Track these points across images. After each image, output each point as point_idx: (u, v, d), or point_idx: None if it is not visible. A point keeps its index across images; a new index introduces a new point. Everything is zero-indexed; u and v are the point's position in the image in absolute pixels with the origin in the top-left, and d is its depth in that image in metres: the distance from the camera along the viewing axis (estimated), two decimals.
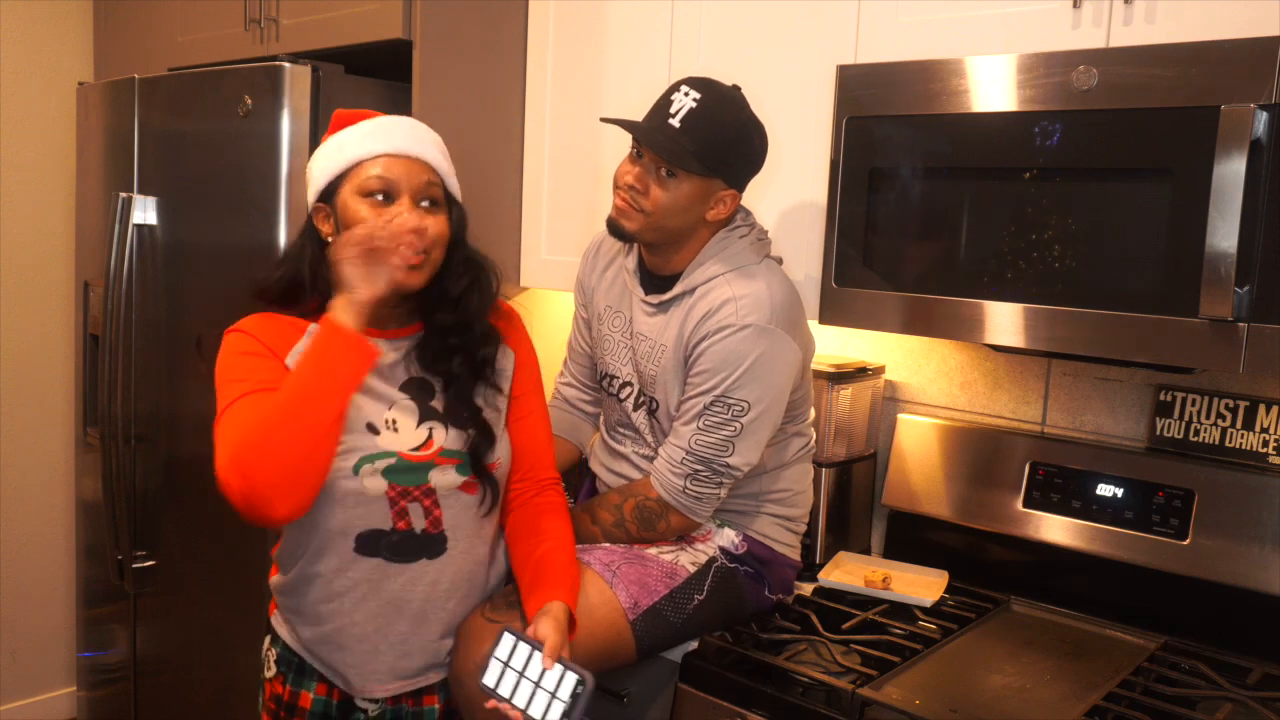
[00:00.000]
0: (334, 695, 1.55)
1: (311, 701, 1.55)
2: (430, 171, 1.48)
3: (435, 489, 1.49)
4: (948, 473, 2.00)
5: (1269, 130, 1.34)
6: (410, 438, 1.49)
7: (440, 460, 1.49)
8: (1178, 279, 1.42)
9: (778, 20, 1.93)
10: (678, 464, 1.65)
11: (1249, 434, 1.75)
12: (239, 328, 1.50)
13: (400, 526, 1.48)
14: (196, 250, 2.42)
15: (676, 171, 1.62)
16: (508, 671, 1.38)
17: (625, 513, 1.71)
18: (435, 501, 1.50)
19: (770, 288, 1.65)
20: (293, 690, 1.56)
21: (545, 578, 1.51)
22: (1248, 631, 1.68)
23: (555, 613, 1.44)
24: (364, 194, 1.45)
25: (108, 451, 2.57)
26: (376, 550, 1.48)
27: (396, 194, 1.45)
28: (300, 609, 1.53)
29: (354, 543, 1.47)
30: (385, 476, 1.46)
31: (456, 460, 1.50)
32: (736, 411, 1.61)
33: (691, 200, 1.64)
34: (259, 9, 2.51)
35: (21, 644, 3.20)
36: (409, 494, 1.48)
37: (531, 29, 2.36)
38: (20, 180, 3.10)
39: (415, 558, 1.50)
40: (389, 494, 1.47)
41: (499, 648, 1.40)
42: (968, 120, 1.60)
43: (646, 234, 1.67)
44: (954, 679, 1.58)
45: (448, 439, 1.50)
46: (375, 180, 1.44)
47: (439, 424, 1.51)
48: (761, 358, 1.61)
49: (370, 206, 1.44)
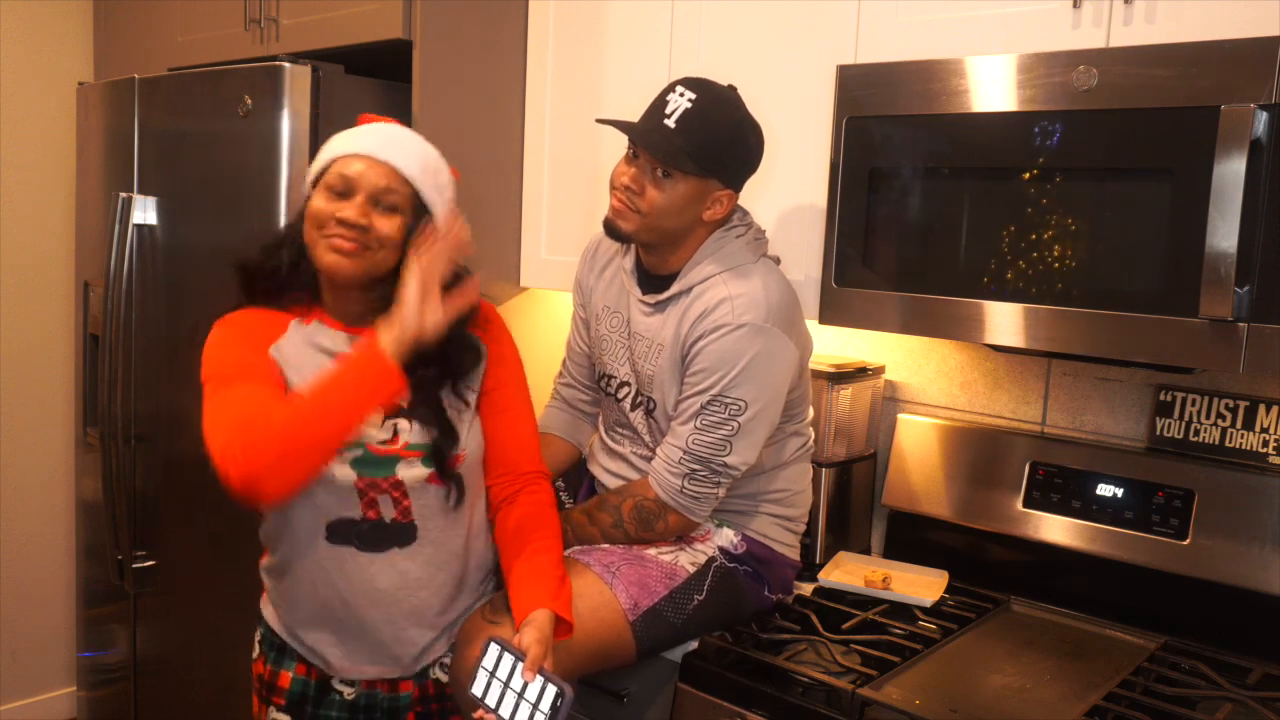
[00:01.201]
0: (312, 675, 1.60)
1: (290, 681, 1.60)
2: (395, 178, 1.49)
3: (403, 481, 1.52)
4: (948, 473, 2.00)
5: (1269, 130, 1.34)
6: (377, 432, 1.51)
7: (405, 454, 1.52)
8: (1178, 279, 1.42)
9: (778, 20, 1.93)
10: (675, 464, 1.65)
11: (1249, 434, 1.75)
12: (227, 319, 1.56)
13: (370, 516, 1.52)
14: (196, 250, 2.42)
15: (672, 172, 1.62)
16: (494, 681, 1.40)
17: (623, 513, 1.71)
18: (404, 493, 1.53)
19: (767, 287, 1.65)
20: (273, 670, 1.62)
21: (529, 584, 1.52)
22: (1248, 631, 1.68)
23: (539, 622, 1.45)
24: (327, 188, 1.50)
25: (108, 451, 2.57)
26: (348, 539, 1.52)
27: (352, 192, 1.48)
28: (281, 591, 1.60)
29: (325, 530, 1.52)
30: (353, 468, 1.50)
31: (421, 453, 1.52)
32: (734, 410, 1.61)
33: (688, 201, 1.64)
34: (259, 9, 2.51)
35: (21, 644, 3.20)
36: (377, 485, 1.51)
37: (531, 29, 2.36)
38: (20, 180, 3.10)
39: (386, 547, 1.53)
40: (358, 484, 1.50)
41: (485, 657, 1.42)
42: (968, 120, 1.60)
43: (643, 235, 1.67)
44: (954, 679, 1.58)
45: (413, 433, 1.52)
46: (335, 177, 1.49)
47: (404, 419, 1.53)
48: (758, 356, 1.61)
49: (326, 198, 1.49)
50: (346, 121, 2.22)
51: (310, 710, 1.60)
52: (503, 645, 1.41)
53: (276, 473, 1.37)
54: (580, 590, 1.58)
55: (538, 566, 1.53)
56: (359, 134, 1.53)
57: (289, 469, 1.38)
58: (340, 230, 1.46)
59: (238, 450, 1.36)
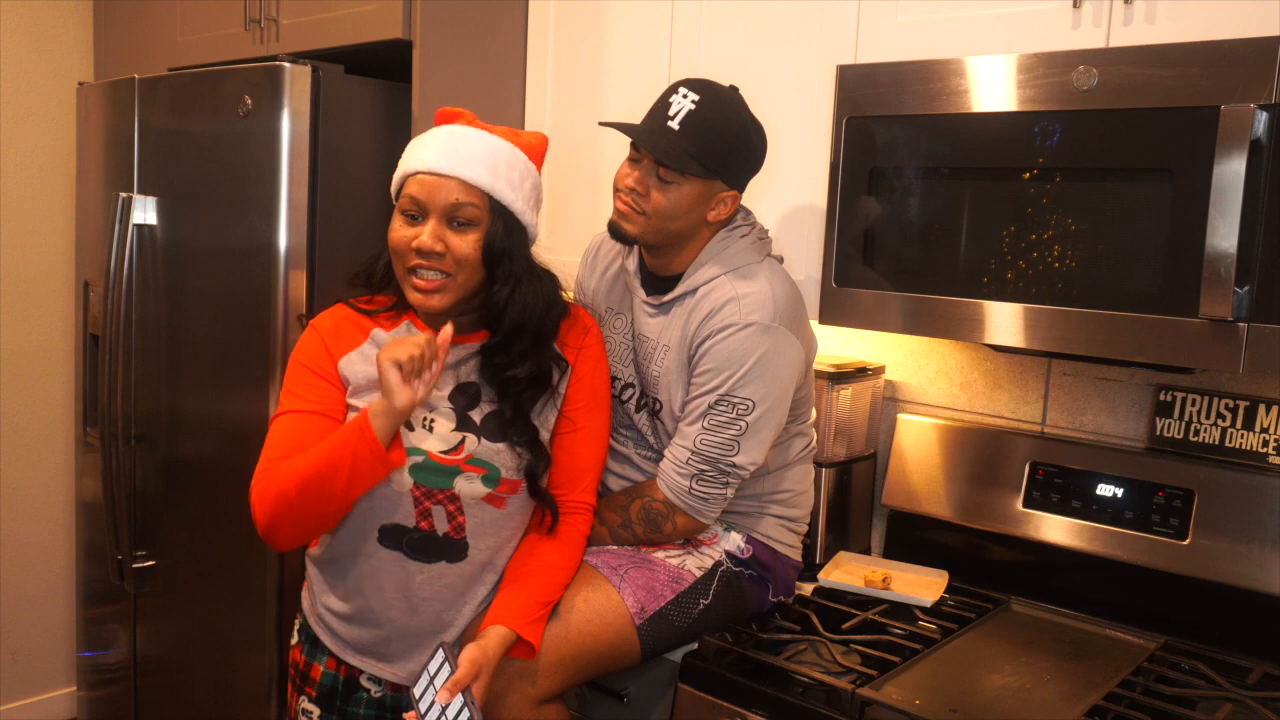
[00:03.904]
0: (341, 672, 1.61)
1: (321, 674, 1.62)
2: (466, 190, 1.49)
3: (459, 495, 1.52)
4: (948, 473, 2.00)
5: (1269, 130, 1.34)
6: (442, 440, 1.52)
7: (467, 468, 1.52)
8: (1177, 279, 1.42)
9: (778, 20, 1.93)
10: (683, 465, 1.64)
11: (1249, 434, 1.75)
12: (314, 324, 1.60)
13: (423, 526, 1.53)
14: (196, 250, 2.42)
15: (677, 175, 1.62)
16: (430, 688, 1.40)
17: (631, 514, 1.70)
18: (459, 508, 1.53)
19: (773, 286, 1.65)
20: (307, 660, 1.64)
21: (510, 598, 1.52)
22: (1248, 631, 1.68)
23: (487, 642, 1.45)
24: (400, 212, 1.52)
25: (108, 451, 2.57)
26: (398, 544, 1.54)
27: (425, 215, 1.50)
28: (328, 582, 1.61)
29: (378, 533, 1.54)
30: (411, 474, 1.50)
31: (484, 471, 1.53)
32: (741, 410, 1.61)
33: (693, 203, 1.64)
34: (259, 9, 2.51)
35: (21, 644, 3.20)
36: (433, 495, 1.52)
37: (531, 29, 2.36)
38: (20, 180, 3.10)
39: (435, 559, 1.54)
40: (414, 492, 1.52)
41: (432, 661, 1.42)
42: (968, 120, 1.60)
43: (649, 237, 1.67)
44: (954, 679, 1.58)
45: (478, 448, 1.53)
46: (407, 200, 1.51)
47: (473, 434, 1.54)
48: (765, 356, 1.61)
49: (402, 223, 1.51)
50: (347, 121, 2.26)
51: (339, 705, 1.61)
52: (447, 655, 1.41)
53: (279, 521, 1.44)
54: (587, 594, 1.58)
55: (529, 586, 1.53)
56: (425, 146, 1.53)
57: (286, 521, 1.44)
58: (420, 262, 1.48)
59: (255, 491, 1.45)
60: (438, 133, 1.54)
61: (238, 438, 2.31)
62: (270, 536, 1.47)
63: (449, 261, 1.48)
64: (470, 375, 1.57)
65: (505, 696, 1.49)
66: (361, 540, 1.55)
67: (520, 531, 1.61)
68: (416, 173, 1.50)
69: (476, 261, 1.50)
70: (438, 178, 1.49)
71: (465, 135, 1.53)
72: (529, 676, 1.51)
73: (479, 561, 1.56)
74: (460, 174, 1.49)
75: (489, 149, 1.53)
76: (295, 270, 2.19)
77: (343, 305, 1.61)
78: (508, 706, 1.50)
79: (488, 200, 1.50)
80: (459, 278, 1.49)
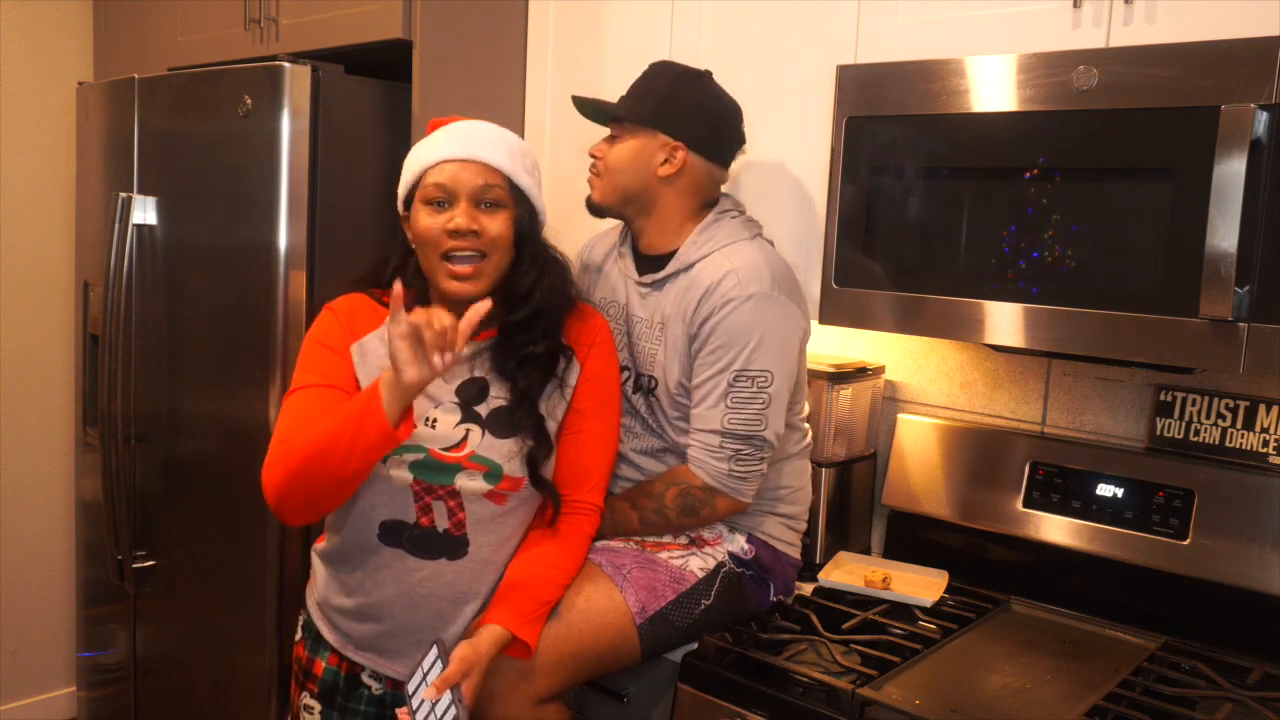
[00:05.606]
0: (343, 668, 1.61)
1: (323, 670, 1.62)
2: (489, 173, 1.51)
3: (460, 491, 1.52)
4: (948, 473, 2.00)
5: (1269, 130, 1.34)
6: (445, 436, 1.52)
7: (469, 464, 1.52)
8: (1178, 279, 1.42)
9: (778, 20, 1.93)
10: (717, 448, 1.65)
11: (1249, 434, 1.75)
12: (331, 305, 1.61)
13: (424, 522, 1.53)
14: (196, 250, 2.42)
15: (619, 130, 1.73)
16: (423, 684, 1.40)
17: (666, 500, 1.70)
18: (460, 504, 1.53)
19: (766, 257, 1.70)
20: (309, 656, 1.65)
21: (507, 595, 1.51)
22: (1248, 631, 1.68)
23: (479, 640, 1.44)
24: (426, 201, 1.52)
25: (108, 451, 2.57)
26: (399, 541, 1.54)
27: (454, 199, 1.50)
28: (332, 577, 1.62)
29: (378, 529, 1.54)
30: (412, 470, 1.50)
31: (485, 468, 1.52)
32: (761, 383, 1.63)
33: (636, 153, 1.72)
34: (259, 9, 2.51)
35: (21, 644, 3.20)
36: (434, 491, 1.52)
37: (531, 29, 2.36)
38: (20, 180, 3.10)
39: (435, 555, 1.54)
40: (414, 488, 1.52)
41: (426, 657, 1.42)
42: (968, 120, 1.60)
43: (610, 198, 1.76)
44: (954, 679, 1.58)
45: (482, 444, 1.52)
46: (431, 189, 1.51)
47: (477, 428, 1.53)
48: (772, 325, 1.64)
49: (430, 213, 1.51)
50: (347, 121, 2.25)
51: (340, 701, 1.61)
52: (440, 652, 1.41)
53: (289, 493, 1.43)
54: (589, 593, 1.58)
55: (529, 585, 1.53)
56: (439, 140, 1.54)
57: (297, 492, 1.43)
58: (454, 244, 1.48)
59: (269, 461, 1.44)
60: (446, 129, 1.56)
61: (238, 438, 2.31)
62: (280, 509, 1.46)
63: (485, 240, 1.49)
64: (481, 370, 1.57)
65: (504, 696, 1.49)
66: (364, 536, 1.55)
67: (522, 530, 1.61)
68: (437, 163, 1.52)
69: (508, 242, 1.52)
70: (461, 163, 1.51)
71: (476, 125, 1.57)
72: (528, 676, 1.50)
73: (480, 559, 1.56)
74: (482, 157, 1.51)
75: (501, 136, 1.57)
76: (295, 270, 2.19)
77: (361, 294, 1.61)
78: (507, 706, 1.49)
79: (509, 183, 1.53)
80: (493, 258, 1.51)
